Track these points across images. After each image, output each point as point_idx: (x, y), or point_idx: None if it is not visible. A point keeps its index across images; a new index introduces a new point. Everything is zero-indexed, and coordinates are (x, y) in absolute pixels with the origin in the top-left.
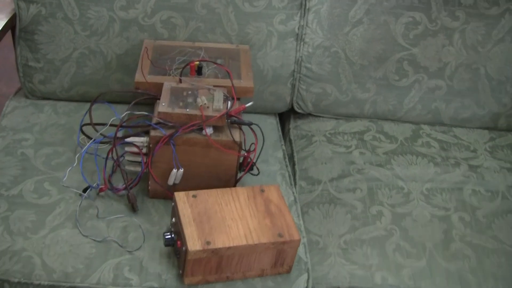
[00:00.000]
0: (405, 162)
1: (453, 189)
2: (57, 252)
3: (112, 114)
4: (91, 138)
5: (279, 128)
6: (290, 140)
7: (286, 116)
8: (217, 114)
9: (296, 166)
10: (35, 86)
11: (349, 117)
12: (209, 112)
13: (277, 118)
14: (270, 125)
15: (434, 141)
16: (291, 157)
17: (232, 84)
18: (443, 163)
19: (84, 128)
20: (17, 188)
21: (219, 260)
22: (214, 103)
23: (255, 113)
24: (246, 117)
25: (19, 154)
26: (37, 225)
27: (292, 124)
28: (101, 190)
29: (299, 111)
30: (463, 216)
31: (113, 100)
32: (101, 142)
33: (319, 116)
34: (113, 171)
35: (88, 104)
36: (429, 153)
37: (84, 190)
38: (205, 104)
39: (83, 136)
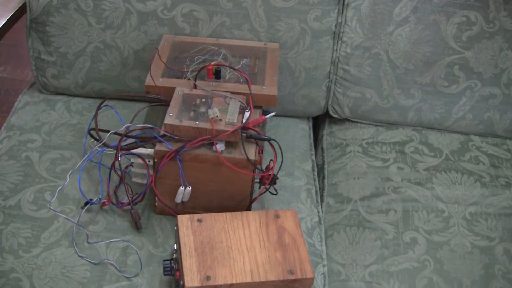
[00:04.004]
0: (448, 180)
1: (500, 215)
2: (48, 274)
3: (123, 117)
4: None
5: (311, 135)
6: (322, 149)
7: (321, 120)
8: (230, 129)
9: (326, 180)
10: (48, 80)
11: (391, 124)
12: (221, 126)
13: (310, 123)
14: (301, 131)
15: (484, 156)
16: (321, 169)
17: (250, 93)
18: (492, 183)
19: (94, 132)
20: (16, 198)
21: None
22: (228, 116)
23: (287, 116)
24: (276, 121)
25: (23, 158)
26: (31, 242)
27: (326, 130)
28: (103, 204)
29: (335, 116)
30: (508, 248)
31: (129, 99)
32: (109, 149)
33: (357, 122)
34: (120, 182)
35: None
36: (476, 171)
37: (86, 204)
38: (216, 116)
39: (93, 140)
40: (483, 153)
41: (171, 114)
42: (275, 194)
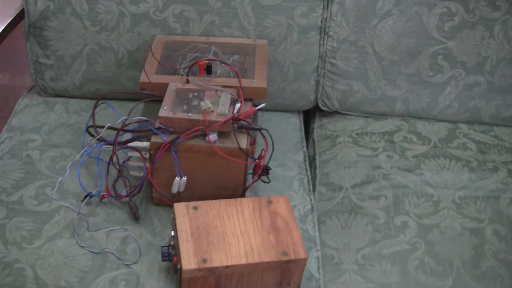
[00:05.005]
0: (436, 166)
1: (488, 198)
2: (51, 264)
3: (120, 116)
4: (98, 140)
5: (302, 128)
6: (313, 141)
7: (311, 114)
8: (221, 119)
9: (317, 170)
10: (46, 83)
11: (379, 115)
12: (213, 117)
13: (301, 117)
14: (292, 124)
15: (472, 142)
16: (313, 160)
17: (240, 86)
18: (480, 168)
19: (92, 129)
20: (18, 193)
21: (217, 280)
22: (219, 107)
23: (278, 111)
24: (267, 116)
25: (24, 156)
26: (33, 234)
27: (317, 122)
28: (103, 197)
29: (325, 109)
30: (498, 229)
31: (125, 98)
32: (106, 144)
33: (346, 114)
34: (118, 176)
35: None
36: (464, 156)
37: (86, 197)
38: (208, 108)
39: (91, 137)
40: (471, 139)
41: (165, 108)
42: (268, 182)
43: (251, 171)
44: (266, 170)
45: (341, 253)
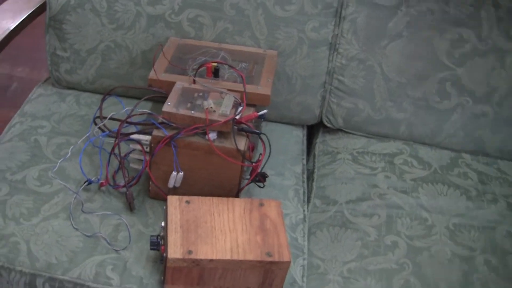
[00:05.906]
0: (434, 191)
1: (484, 228)
2: (45, 241)
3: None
4: (103, 131)
5: (304, 142)
6: (314, 155)
7: (315, 130)
8: (222, 119)
9: (314, 183)
10: (61, 75)
11: (382, 136)
12: (215, 117)
13: (305, 131)
14: (295, 137)
15: (473, 172)
16: (311, 173)
17: (244, 90)
18: (478, 197)
19: (99, 120)
20: (22, 173)
21: (201, 272)
22: (222, 108)
23: (282, 123)
24: (272, 126)
25: (32, 141)
26: (31, 212)
27: (320, 138)
28: (101, 185)
29: (329, 125)
30: (490, 259)
31: (134, 95)
32: (109, 136)
33: (350, 133)
34: (119, 168)
35: (112, 98)
36: (463, 185)
37: (85, 182)
38: (211, 107)
39: (98, 129)
40: (473, 170)
41: (169, 103)
42: (262, 187)
43: (248, 177)
44: (263, 176)
45: (327, 264)
